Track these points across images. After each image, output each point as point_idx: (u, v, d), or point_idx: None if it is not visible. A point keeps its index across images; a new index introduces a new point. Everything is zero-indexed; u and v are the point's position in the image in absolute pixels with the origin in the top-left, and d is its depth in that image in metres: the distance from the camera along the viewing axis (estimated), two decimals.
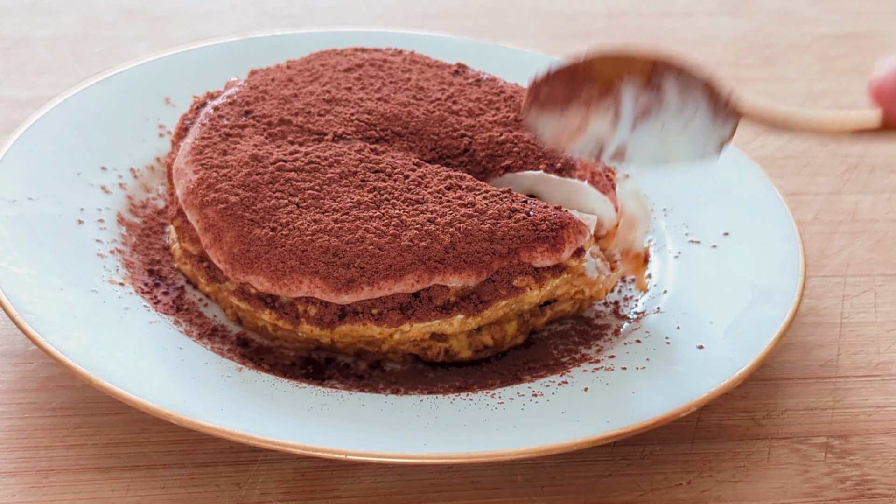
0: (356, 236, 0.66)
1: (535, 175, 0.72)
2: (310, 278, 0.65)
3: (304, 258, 0.66)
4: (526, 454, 0.60)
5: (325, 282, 0.65)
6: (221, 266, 0.68)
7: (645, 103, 0.60)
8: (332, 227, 0.67)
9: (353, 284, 0.65)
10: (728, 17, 1.20)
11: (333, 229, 0.66)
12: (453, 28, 1.10)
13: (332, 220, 0.67)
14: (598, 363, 0.68)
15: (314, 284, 0.65)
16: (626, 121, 0.61)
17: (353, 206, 0.68)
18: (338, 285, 0.65)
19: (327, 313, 0.66)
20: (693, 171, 0.83)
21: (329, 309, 0.66)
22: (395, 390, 0.67)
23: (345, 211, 0.67)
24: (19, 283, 0.67)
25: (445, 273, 0.65)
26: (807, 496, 0.65)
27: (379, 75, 0.78)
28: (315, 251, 0.66)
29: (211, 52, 0.90)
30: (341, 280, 0.65)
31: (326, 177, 0.69)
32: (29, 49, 1.03)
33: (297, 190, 0.68)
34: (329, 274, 0.65)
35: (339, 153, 0.71)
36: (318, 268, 0.65)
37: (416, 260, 0.65)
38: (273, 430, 0.60)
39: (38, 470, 0.63)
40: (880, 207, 0.89)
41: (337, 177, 0.69)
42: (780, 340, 0.68)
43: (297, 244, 0.66)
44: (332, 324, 0.66)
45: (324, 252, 0.66)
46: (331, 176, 0.69)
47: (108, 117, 0.83)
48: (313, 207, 0.68)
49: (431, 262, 0.65)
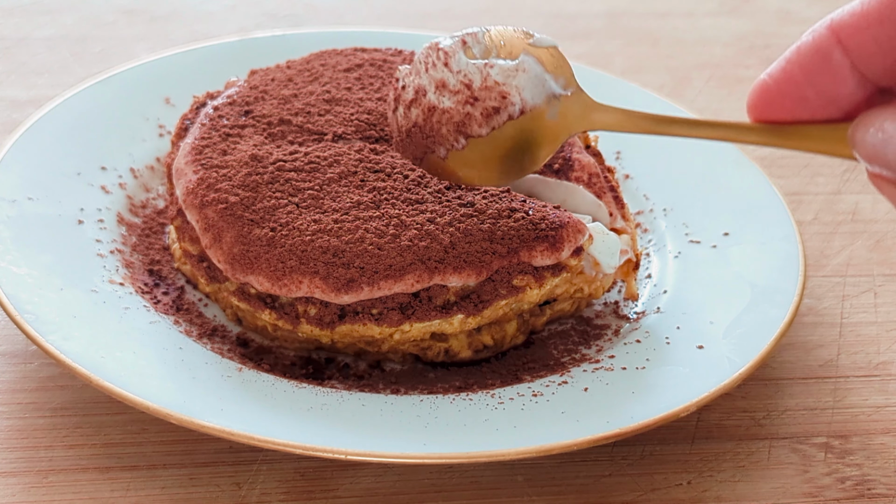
0: (356, 236, 0.66)
1: (531, 178, 0.72)
2: (310, 278, 0.65)
3: (304, 258, 0.66)
4: (526, 454, 0.60)
5: (324, 282, 0.65)
6: (221, 266, 0.68)
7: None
8: (332, 227, 0.67)
9: (352, 284, 0.65)
10: (728, 17, 1.20)
11: (333, 229, 0.66)
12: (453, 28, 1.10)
13: (331, 220, 0.67)
14: (598, 363, 0.68)
15: (314, 284, 0.65)
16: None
17: (352, 206, 0.68)
18: (338, 285, 0.65)
19: (327, 313, 0.66)
20: (693, 171, 0.84)
21: (329, 309, 0.66)
22: (395, 390, 0.67)
23: (344, 211, 0.67)
24: (19, 283, 0.67)
25: (445, 273, 0.65)
26: (807, 496, 0.65)
27: (379, 75, 0.78)
28: (315, 251, 0.66)
29: (211, 52, 0.90)
30: (341, 280, 0.65)
31: (326, 177, 0.69)
32: (29, 49, 1.03)
33: (296, 190, 0.69)
34: (329, 274, 0.65)
35: (339, 153, 0.71)
36: (317, 268, 0.65)
37: (416, 260, 0.65)
38: (273, 430, 0.60)
39: (38, 470, 0.63)
40: (880, 207, 0.89)
41: (336, 176, 0.69)
42: (780, 340, 0.68)
43: (296, 244, 0.66)
44: (332, 324, 0.66)
45: (324, 252, 0.66)
46: (330, 176, 0.69)
47: (108, 117, 0.83)
48: (313, 207, 0.68)
49: (431, 261, 0.65)
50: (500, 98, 0.62)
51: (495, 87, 0.62)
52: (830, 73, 0.48)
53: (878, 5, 0.46)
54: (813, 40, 0.48)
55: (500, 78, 0.62)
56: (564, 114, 0.62)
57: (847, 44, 0.47)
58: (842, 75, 0.48)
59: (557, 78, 0.63)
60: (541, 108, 0.62)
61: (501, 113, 0.62)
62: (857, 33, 0.47)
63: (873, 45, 0.47)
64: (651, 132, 0.60)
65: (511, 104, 0.62)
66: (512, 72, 0.62)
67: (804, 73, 0.49)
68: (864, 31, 0.47)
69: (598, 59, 1.08)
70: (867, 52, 0.47)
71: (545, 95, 0.62)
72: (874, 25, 0.46)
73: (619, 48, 1.12)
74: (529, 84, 0.62)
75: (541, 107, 0.62)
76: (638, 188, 0.84)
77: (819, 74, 0.48)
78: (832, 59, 0.48)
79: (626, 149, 0.86)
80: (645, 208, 0.83)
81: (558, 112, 0.62)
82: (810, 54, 0.48)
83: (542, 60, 0.63)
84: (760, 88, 0.50)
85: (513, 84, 0.62)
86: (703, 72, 1.08)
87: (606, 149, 0.81)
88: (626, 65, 1.09)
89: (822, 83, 0.48)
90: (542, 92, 0.62)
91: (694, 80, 1.07)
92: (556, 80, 0.62)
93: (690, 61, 1.11)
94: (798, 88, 0.49)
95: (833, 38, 0.47)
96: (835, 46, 0.48)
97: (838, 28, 0.47)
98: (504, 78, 0.62)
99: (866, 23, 0.47)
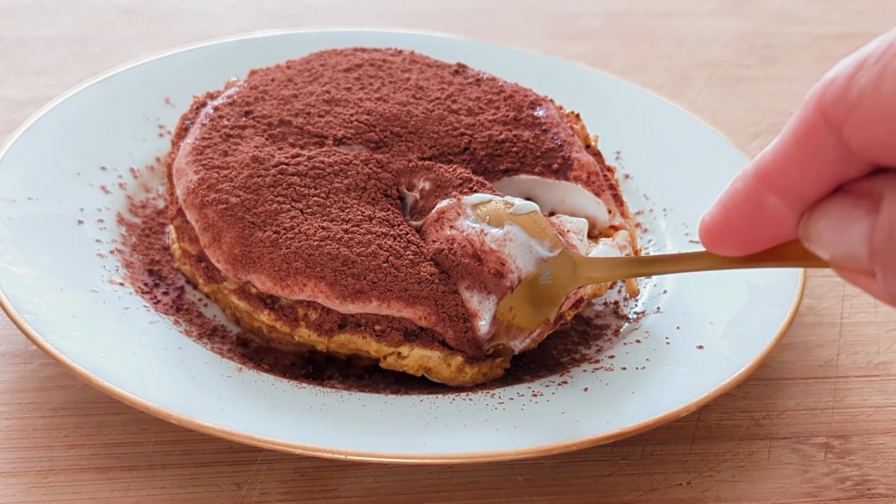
0: (369, 250, 0.66)
1: (529, 179, 0.73)
2: (315, 282, 0.65)
3: (311, 262, 0.65)
4: (526, 454, 0.60)
5: (331, 288, 0.65)
6: (221, 266, 0.68)
7: None
8: (342, 237, 0.66)
9: (361, 295, 0.65)
10: (728, 17, 1.20)
11: (344, 238, 0.66)
12: (453, 28, 1.10)
13: (340, 230, 0.67)
14: (598, 363, 0.68)
15: (319, 289, 0.65)
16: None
17: (363, 219, 0.68)
18: (345, 293, 0.65)
19: (328, 320, 0.66)
20: (693, 171, 0.84)
21: (330, 316, 0.66)
22: (395, 390, 0.67)
23: (355, 223, 0.67)
24: (19, 283, 0.67)
25: (455, 325, 0.66)
26: (807, 496, 0.65)
27: (378, 75, 0.78)
28: (322, 256, 0.66)
29: (211, 52, 0.90)
30: (349, 289, 0.65)
31: (333, 186, 0.69)
32: (29, 49, 1.03)
33: (300, 195, 0.68)
34: (336, 281, 0.65)
35: (344, 161, 0.71)
36: (324, 273, 0.65)
37: (431, 297, 0.66)
38: (273, 430, 0.60)
39: (38, 470, 0.63)
40: None
41: (344, 188, 0.69)
42: (779, 340, 0.68)
43: (303, 247, 0.66)
44: (331, 332, 0.66)
45: (332, 259, 0.65)
46: (337, 186, 0.69)
47: (108, 117, 0.83)
48: (319, 215, 0.68)
49: (445, 309, 0.66)
50: (500, 264, 0.65)
51: (493, 253, 0.65)
52: (767, 216, 0.47)
53: (797, 143, 0.45)
54: (744, 189, 0.47)
55: (495, 245, 0.65)
56: (556, 275, 0.65)
57: (778, 188, 0.46)
58: (779, 215, 0.47)
59: (542, 241, 0.65)
60: (534, 274, 0.65)
61: (505, 278, 0.65)
62: (785, 177, 0.46)
63: (803, 183, 0.46)
64: (638, 275, 0.64)
65: (510, 272, 0.65)
66: (502, 241, 0.65)
67: (742, 219, 0.48)
68: (791, 174, 0.46)
69: (598, 59, 1.08)
70: (798, 191, 0.46)
71: (535, 260, 0.65)
72: (799, 165, 0.46)
73: (619, 48, 1.12)
74: (519, 252, 0.65)
75: (533, 272, 0.65)
76: (638, 188, 0.84)
77: (757, 219, 0.48)
78: (766, 205, 0.47)
79: (626, 149, 0.86)
80: (645, 208, 0.83)
81: (549, 275, 0.65)
82: (743, 203, 0.47)
83: (525, 227, 0.66)
84: (705, 231, 0.49)
85: (506, 252, 0.65)
86: (702, 72, 1.08)
87: (606, 148, 0.81)
88: (626, 65, 1.09)
89: (762, 226, 0.48)
90: (532, 257, 0.65)
91: (694, 80, 1.07)
92: (542, 243, 0.65)
93: (690, 61, 1.11)
94: (740, 233, 0.49)
95: (762, 186, 0.47)
96: (766, 193, 0.47)
97: (765, 175, 0.46)
98: (497, 246, 0.65)
99: (790, 164, 0.46)
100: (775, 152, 0.47)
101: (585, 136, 0.77)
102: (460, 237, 0.66)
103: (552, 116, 0.76)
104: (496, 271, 0.65)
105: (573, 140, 0.75)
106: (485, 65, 0.81)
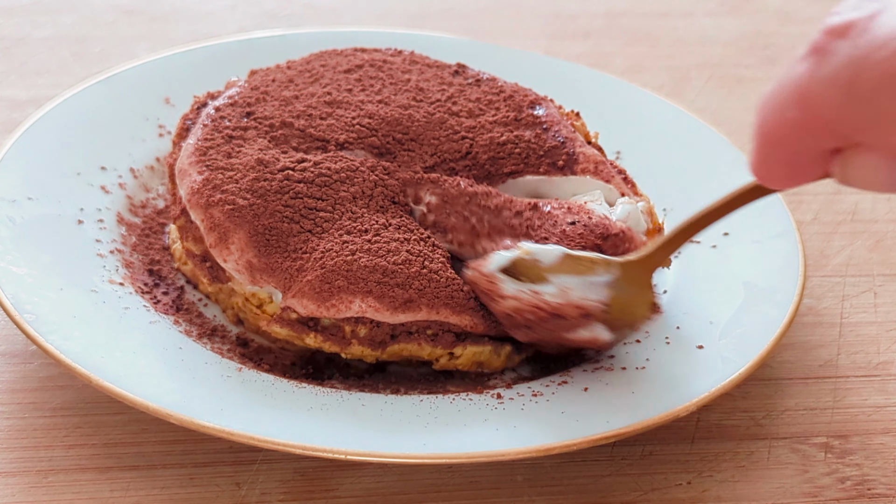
0: (401, 258, 0.66)
1: (533, 179, 0.73)
2: (362, 297, 0.65)
3: (352, 278, 0.65)
4: (526, 454, 0.60)
5: (379, 301, 0.65)
6: (229, 267, 0.67)
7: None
8: (370, 248, 0.66)
9: (411, 304, 0.65)
10: (728, 17, 1.20)
11: (372, 249, 0.66)
12: (453, 28, 1.10)
13: (364, 241, 0.66)
14: (598, 363, 0.68)
15: (367, 304, 0.65)
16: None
17: (380, 227, 0.68)
18: (394, 304, 0.65)
19: (379, 333, 0.66)
20: (693, 171, 0.84)
21: (381, 329, 0.66)
22: (395, 390, 0.67)
23: (375, 232, 0.67)
24: (19, 283, 0.67)
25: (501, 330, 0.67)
26: (807, 496, 0.65)
27: (379, 76, 0.78)
28: (361, 270, 0.65)
29: (211, 52, 0.90)
30: (398, 300, 0.65)
31: (339, 195, 0.69)
32: (29, 49, 1.03)
33: (308, 209, 0.68)
34: (384, 294, 0.65)
35: (350, 168, 0.70)
36: (369, 287, 0.65)
37: (478, 309, 0.66)
38: (273, 430, 0.60)
39: (38, 470, 0.63)
40: (880, 207, 0.89)
41: (350, 196, 0.69)
42: (779, 340, 0.68)
43: (338, 264, 0.65)
44: (384, 344, 0.66)
45: (372, 271, 0.65)
46: (343, 194, 0.69)
47: (108, 117, 0.83)
48: (333, 229, 0.67)
49: (493, 317, 0.67)
50: (578, 308, 0.64)
51: (564, 305, 0.64)
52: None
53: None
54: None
55: (561, 300, 0.64)
56: (629, 280, 0.64)
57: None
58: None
59: (595, 273, 0.64)
60: (613, 295, 0.64)
61: (593, 313, 0.64)
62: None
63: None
64: (690, 234, 0.62)
65: (593, 307, 0.64)
66: (562, 294, 0.64)
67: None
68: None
69: (598, 59, 1.08)
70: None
71: (603, 288, 0.64)
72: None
73: (618, 48, 1.12)
74: (586, 291, 0.64)
75: (612, 294, 0.64)
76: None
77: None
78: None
79: (626, 149, 0.86)
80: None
81: (624, 284, 0.64)
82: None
83: (570, 271, 0.64)
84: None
85: (575, 298, 0.64)
86: (702, 71, 1.08)
87: (606, 148, 0.81)
88: (625, 65, 1.09)
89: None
90: (599, 288, 0.64)
91: (694, 80, 1.07)
92: (595, 272, 0.64)
93: (690, 61, 1.11)
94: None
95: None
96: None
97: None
98: (564, 299, 0.64)
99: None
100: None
101: (586, 134, 0.77)
102: (522, 305, 0.65)
103: (552, 115, 0.75)
104: (581, 315, 0.64)
105: (575, 136, 0.75)
106: (485, 65, 0.81)
